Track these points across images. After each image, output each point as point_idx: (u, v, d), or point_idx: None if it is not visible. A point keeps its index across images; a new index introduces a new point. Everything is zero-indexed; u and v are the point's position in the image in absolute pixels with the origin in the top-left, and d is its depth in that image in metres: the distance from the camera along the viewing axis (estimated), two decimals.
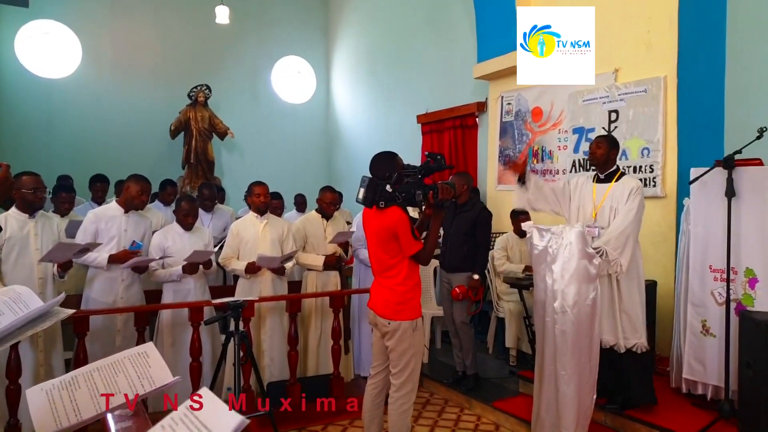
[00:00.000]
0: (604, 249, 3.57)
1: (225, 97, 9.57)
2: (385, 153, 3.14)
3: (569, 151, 5.58)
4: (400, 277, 3.08)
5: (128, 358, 1.53)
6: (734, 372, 3.49)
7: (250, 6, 9.88)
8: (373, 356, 3.35)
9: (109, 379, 1.46)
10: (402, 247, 3.02)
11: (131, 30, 9.07)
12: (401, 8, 8.63)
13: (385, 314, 3.11)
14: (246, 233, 4.50)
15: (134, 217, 4.18)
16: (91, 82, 8.71)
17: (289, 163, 10.15)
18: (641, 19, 4.91)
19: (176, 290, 4.29)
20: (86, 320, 3.67)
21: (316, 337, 4.70)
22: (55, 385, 1.43)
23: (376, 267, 3.21)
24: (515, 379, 4.67)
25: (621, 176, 3.82)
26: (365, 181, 3.03)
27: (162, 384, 1.45)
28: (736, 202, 3.50)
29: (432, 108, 7.70)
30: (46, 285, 3.73)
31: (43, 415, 1.35)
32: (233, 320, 3.26)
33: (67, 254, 3.61)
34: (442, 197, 3.00)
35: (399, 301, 3.08)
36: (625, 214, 3.64)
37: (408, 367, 3.12)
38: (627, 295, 3.68)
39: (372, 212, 3.11)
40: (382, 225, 3.03)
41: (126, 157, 8.37)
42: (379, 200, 2.98)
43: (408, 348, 3.10)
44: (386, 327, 3.10)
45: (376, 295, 3.20)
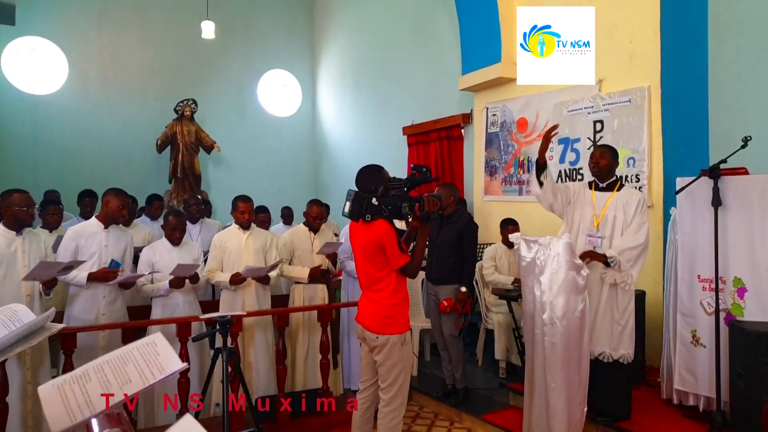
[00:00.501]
0: (617, 259, 3.57)
1: (211, 111, 9.55)
2: (370, 166, 3.12)
3: (555, 161, 5.59)
4: (388, 291, 3.05)
5: (137, 348, 1.55)
6: (725, 382, 3.47)
7: (235, 21, 9.89)
8: (362, 371, 3.31)
9: (119, 369, 1.48)
10: (389, 260, 3.00)
11: (118, 46, 9.06)
12: (386, 21, 8.66)
13: (373, 328, 3.07)
14: (229, 244, 4.47)
15: (115, 232, 4.11)
16: (77, 98, 8.67)
17: (276, 176, 10.13)
18: (624, 30, 4.95)
19: (164, 305, 4.24)
20: (73, 337, 3.62)
21: (304, 351, 4.65)
22: (66, 380, 1.45)
23: (364, 280, 3.18)
24: (505, 391, 4.64)
25: (621, 186, 3.82)
26: (351, 195, 3.01)
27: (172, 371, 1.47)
28: (722, 212, 3.50)
29: (418, 120, 7.71)
30: (33, 302, 3.68)
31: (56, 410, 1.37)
32: (221, 336, 3.21)
33: (51, 272, 3.56)
34: (428, 209, 2.98)
35: (387, 315, 3.05)
36: (638, 227, 3.65)
37: (397, 381, 3.09)
38: (622, 306, 3.68)
39: (358, 226, 3.08)
40: (368, 238, 3.01)
41: (113, 172, 8.32)
42: (365, 213, 2.96)
43: (397, 362, 3.07)
44: (374, 341, 3.07)
45: (364, 309, 3.17)
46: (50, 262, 3.65)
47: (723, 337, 3.49)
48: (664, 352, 4.08)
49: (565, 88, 5.43)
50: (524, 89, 5.94)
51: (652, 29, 4.71)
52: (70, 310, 3.97)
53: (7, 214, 3.59)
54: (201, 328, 4.10)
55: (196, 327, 4.03)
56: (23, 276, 3.56)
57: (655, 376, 4.28)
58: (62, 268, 3.61)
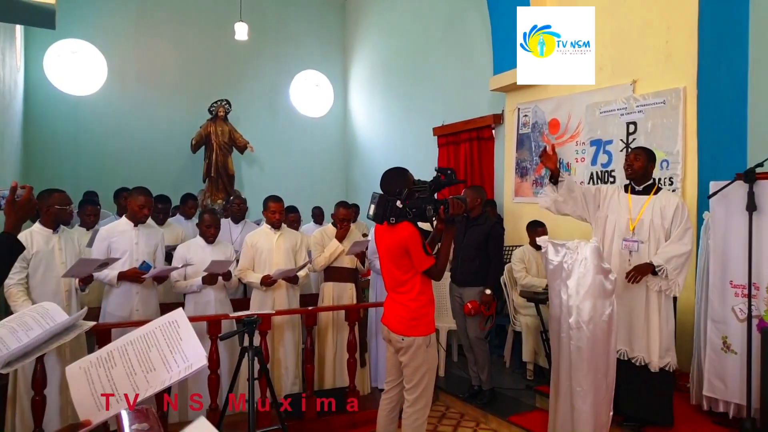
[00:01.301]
0: (665, 268, 3.53)
1: (244, 111, 9.70)
2: (395, 169, 3.14)
3: (587, 164, 5.54)
4: (414, 293, 3.07)
5: (160, 329, 1.55)
6: (756, 389, 3.41)
7: (268, 22, 10.03)
8: (387, 371, 3.35)
9: (143, 354, 1.48)
10: (414, 263, 3.02)
11: (154, 48, 9.28)
12: (417, 22, 8.68)
13: (398, 330, 3.10)
14: (260, 244, 4.56)
15: (145, 231, 4.21)
16: (115, 99, 8.91)
17: (307, 175, 10.24)
18: (660, 30, 4.87)
19: (197, 302, 4.35)
20: (108, 333, 3.73)
21: (332, 350, 4.71)
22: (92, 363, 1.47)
23: (389, 283, 3.21)
24: (532, 393, 4.62)
25: (658, 189, 3.77)
26: (375, 198, 3.04)
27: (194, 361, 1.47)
28: (757, 217, 3.43)
29: (448, 120, 7.71)
30: (71, 297, 3.86)
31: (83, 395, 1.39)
32: (247, 335, 3.28)
33: (88, 269, 3.70)
34: (452, 212, 3.00)
35: (413, 317, 3.07)
36: (683, 233, 3.60)
37: (422, 382, 3.12)
38: (665, 313, 3.64)
39: (383, 228, 3.11)
40: (393, 241, 3.04)
41: (149, 171, 8.55)
42: (389, 216, 2.99)
43: (422, 364, 3.09)
44: (400, 343, 3.10)
45: (390, 311, 3.20)
46: (88, 259, 3.77)
47: (755, 344, 3.43)
48: (694, 358, 4.02)
49: (598, 89, 5.37)
50: (556, 90, 5.90)
51: (690, 29, 4.62)
52: (106, 306, 4.10)
53: (48, 212, 3.74)
54: (232, 326, 4.19)
55: (226, 324, 4.13)
56: (61, 272, 3.69)
57: (685, 382, 4.22)
58: (99, 265, 3.75)
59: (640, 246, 3.68)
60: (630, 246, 3.70)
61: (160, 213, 5.33)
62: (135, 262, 4.04)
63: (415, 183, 3.08)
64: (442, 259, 3.07)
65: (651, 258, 3.61)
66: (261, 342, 3.99)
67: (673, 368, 3.64)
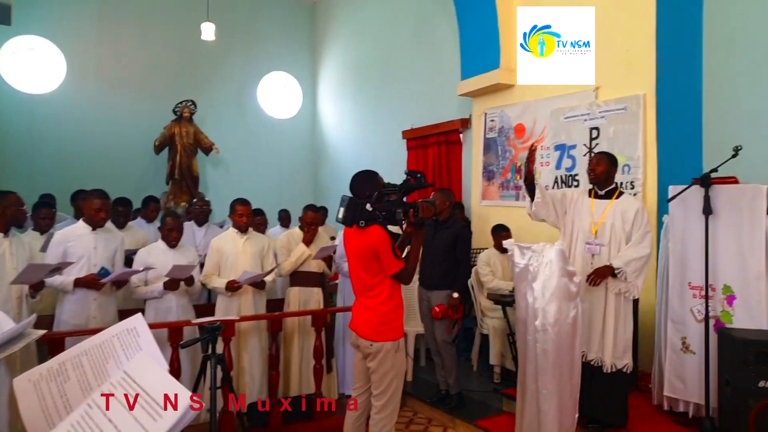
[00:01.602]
0: (624, 270, 3.59)
1: (211, 112, 9.57)
2: (365, 172, 3.12)
3: (551, 168, 5.62)
4: (383, 297, 3.03)
5: (117, 336, 1.43)
6: (714, 389, 3.50)
7: (236, 22, 9.91)
8: (355, 377, 3.31)
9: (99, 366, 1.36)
10: (383, 267, 2.99)
11: (117, 45, 9.07)
12: (387, 25, 8.69)
13: (367, 335, 3.06)
14: (226, 248, 4.47)
15: (104, 234, 4.10)
16: (75, 98, 8.67)
17: (274, 178, 10.14)
18: (621, 38, 4.97)
19: (158, 308, 4.23)
20: (61, 341, 3.59)
21: (298, 356, 4.66)
22: (43, 376, 1.34)
23: (358, 287, 3.17)
24: (499, 396, 4.65)
25: (620, 194, 3.84)
26: (345, 201, 3.01)
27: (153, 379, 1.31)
28: (713, 220, 3.52)
29: (417, 124, 7.74)
30: (22, 305, 3.69)
31: (33, 411, 1.28)
32: (210, 343, 3.22)
33: (39, 275, 3.56)
34: (422, 215, 2.97)
35: (381, 322, 3.04)
36: (642, 237, 3.67)
37: (389, 388, 3.09)
38: (627, 315, 3.71)
39: (352, 231, 3.08)
40: (362, 244, 3.01)
41: (110, 173, 8.33)
42: (359, 219, 2.96)
43: (390, 369, 3.06)
44: (368, 348, 3.06)
45: (358, 316, 3.16)
46: (38, 264, 3.64)
47: (712, 345, 3.52)
48: (656, 359, 4.10)
49: (562, 94, 5.46)
50: (522, 95, 5.98)
51: (648, 38, 4.73)
52: (60, 314, 3.96)
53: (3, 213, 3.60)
54: (194, 333, 4.11)
55: (189, 331, 4.04)
56: (12, 278, 3.54)
57: (647, 382, 4.30)
58: (50, 270, 3.61)
59: (601, 249, 3.75)
60: (592, 249, 3.77)
61: (121, 216, 5.20)
62: (93, 268, 3.92)
63: (385, 186, 3.06)
64: (412, 263, 3.04)
65: (611, 261, 3.68)
66: (224, 349, 3.92)
67: (629, 370, 3.70)
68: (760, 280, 3.37)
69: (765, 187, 3.34)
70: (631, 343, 3.73)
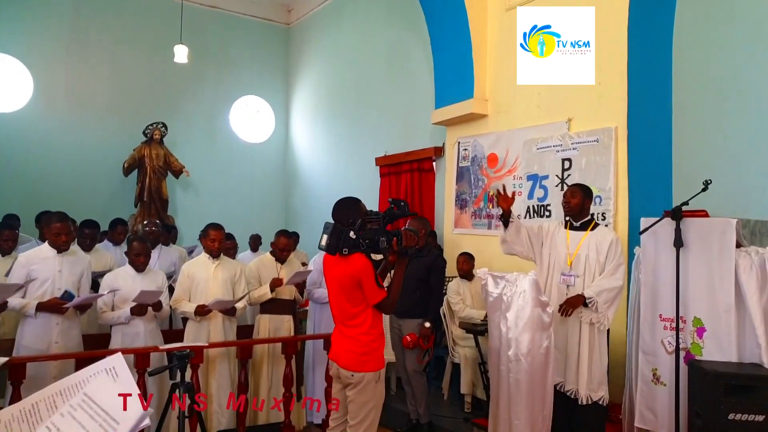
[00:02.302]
0: (595, 300, 3.61)
1: (182, 135, 9.47)
2: (348, 199, 3.09)
3: (524, 197, 5.67)
4: (365, 326, 2.97)
5: (94, 377, 1.34)
6: (684, 421, 3.51)
7: (209, 46, 9.90)
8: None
9: None
10: (366, 296, 2.93)
11: (87, 65, 8.94)
12: (362, 52, 8.76)
13: (348, 366, 2.99)
14: (198, 274, 4.38)
15: (69, 257, 3.98)
16: (42, 117, 8.49)
17: (245, 202, 10.03)
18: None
19: (124, 333, 4.10)
20: (22, 367, 3.46)
21: (267, 383, 4.55)
22: (14, 416, 1.27)
23: (339, 316, 3.09)
24: (470, 426, 4.61)
25: (595, 225, 3.88)
26: (329, 228, 2.94)
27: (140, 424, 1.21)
28: (684, 253, 3.57)
29: (391, 151, 7.78)
30: None
31: None
32: (179, 370, 3.12)
33: (3, 296, 3.43)
34: (406, 244, 2.94)
35: (363, 352, 2.97)
36: (615, 268, 3.72)
37: (367, 419, 3.02)
38: (598, 347, 3.72)
39: (334, 259, 3.02)
40: (345, 272, 2.94)
41: (77, 194, 8.17)
42: (343, 247, 2.90)
43: (369, 400, 3.00)
44: (349, 379, 2.98)
45: (339, 346, 3.07)
46: (3, 285, 3.51)
47: (682, 376, 3.54)
48: (626, 390, 4.11)
49: (535, 125, 5.55)
50: (495, 125, 6.05)
51: (620, 72, 4.84)
52: (21, 338, 3.82)
53: None
54: (162, 359, 3.99)
55: (156, 357, 3.92)
56: None
57: (617, 413, 4.30)
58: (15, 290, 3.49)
59: (576, 280, 3.78)
60: (567, 280, 3.80)
61: (87, 238, 5.04)
62: (57, 291, 3.80)
63: (368, 214, 3.02)
64: (394, 293, 2.99)
65: (584, 291, 3.70)
66: (192, 376, 3.80)
67: (605, 402, 3.72)
68: (729, 312, 3.41)
69: (735, 221, 3.41)
70: (605, 376, 3.73)
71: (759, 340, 3.36)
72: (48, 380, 3.76)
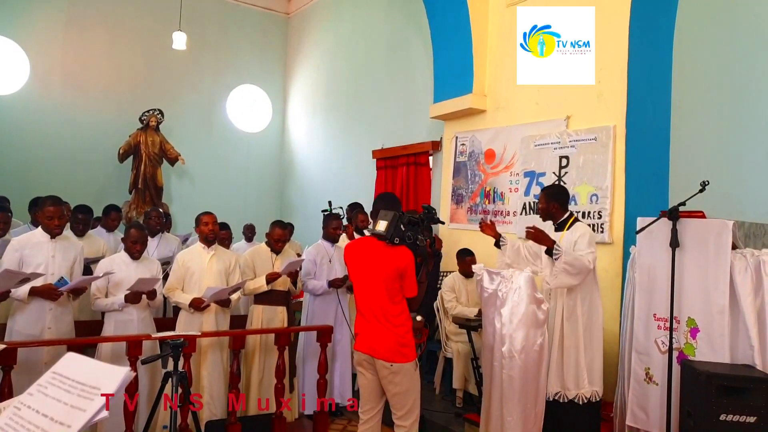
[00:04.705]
0: (561, 253, 3.61)
1: (178, 122, 9.41)
2: (391, 193, 3.25)
3: (520, 194, 5.67)
4: (403, 318, 3.09)
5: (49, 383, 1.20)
6: (676, 420, 3.52)
7: (208, 33, 9.83)
8: (365, 399, 3.24)
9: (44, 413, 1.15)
10: (404, 288, 3.06)
11: (84, 50, 8.86)
12: (361, 44, 8.73)
13: (387, 357, 3.05)
14: (192, 264, 4.34)
15: (63, 243, 3.94)
16: (37, 101, 8.41)
17: (240, 192, 10.00)
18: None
19: (117, 320, 4.05)
20: (14, 352, 3.43)
21: (258, 374, 4.53)
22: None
23: (374, 307, 3.10)
24: (461, 421, 4.62)
25: (574, 222, 3.89)
26: (388, 215, 3.03)
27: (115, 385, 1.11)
28: (680, 253, 3.58)
29: (388, 144, 7.75)
30: None
31: None
32: (172, 359, 3.10)
33: (9, 283, 3.40)
34: (437, 248, 3.07)
35: (402, 343, 3.06)
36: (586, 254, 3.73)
37: (415, 407, 3.13)
38: (589, 343, 3.73)
39: (372, 248, 3.09)
40: (391, 262, 3.03)
41: (71, 179, 8.11)
42: (395, 236, 3.00)
43: (411, 388, 3.10)
44: (388, 369, 3.04)
45: (375, 337, 3.09)
46: (13, 271, 3.48)
47: (675, 376, 3.55)
48: (618, 388, 4.13)
49: (534, 122, 5.54)
50: (493, 121, 6.04)
51: (620, 71, 4.84)
52: (13, 323, 3.78)
53: None
54: (154, 347, 3.96)
55: (148, 346, 3.89)
56: None
57: (609, 411, 4.32)
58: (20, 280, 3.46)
59: None
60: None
61: (80, 224, 5.01)
62: (51, 277, 3.76)
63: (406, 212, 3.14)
64: (422, 290, 3.14)
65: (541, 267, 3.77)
66: (185, 365, 3.79)
67: (596, 398, 3.72)
68: (723, 314, 3.42)
69: (731, 223, 3.42)
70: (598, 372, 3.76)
71: (752, 342, 3.38)
72: (40, 366, 3.74)
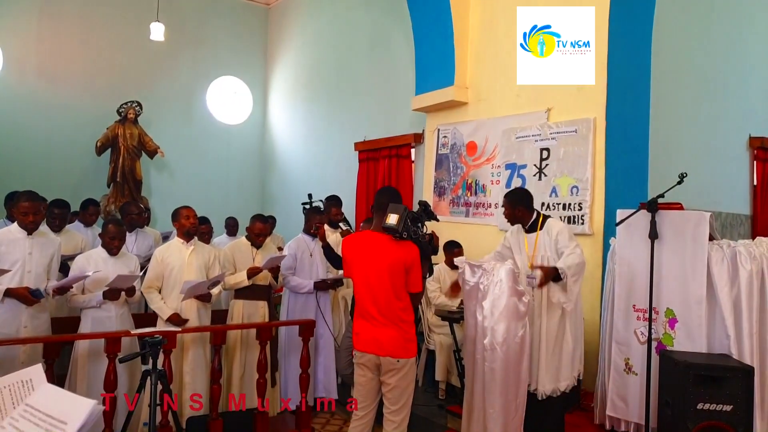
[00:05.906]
0: (566, 272, 3.59)
1: (157, 114, 9.28)
2: (393, 188, 3.28)
3: (501, 186, 5.68)
4: (407, 312, 3.11)
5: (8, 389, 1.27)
6: (655, 410, 3.57)
7: (186, 24, 9.68)
8: (362, 397, 3.21)
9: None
10: (410, 283, 3.08)
11: (59, 40, 8.68)
12: (343, 35, 8.67)
13: (394, 353, 3.06)
14: (171, 259, 4.27)
15: (40, 239, 3.87)
16: (11, 93, 8.24)
17: (221, 185, 9.91)
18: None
19: (95, 317, 3.98)
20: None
21: (240, 369, 4.51)
22: None
23: (379, 303, 3.08)
24: (444, 413, 4.63)
25: (545, 221, 3.89)
26: (399, 209, 3.01)
27: (59, 407, 1.18)
28: (658, 244, 3.62)
29: (370, 136, 7.72)
30: None
31: None
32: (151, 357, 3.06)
33: None
34: (436, 244, 3.19)
35: (407, 338, 3.10)
36: (573, 249, 3.68)
37: (408, 402, 3.15)
38: (571, 334, 3.75)
39: (377, 242, 3.09)
40: (398, 256, 3.04)
41: (47, 173, 7.98)
42: (403, 231, 3.00)
43: (410, 383, 3.13)
44: (393, 365, 3.05)
45: (380, 334, 3.08)
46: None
47: (654, 366, 3.60)
48: (599, 378, 4.17)
49: (515, 114, 5.55)
50: (475, 113, 6.04)
51: (600, 64, 4.85)
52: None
53: None
54: (133, 344, 3.92)
55: (127, 343, 3.84)
56: None
57: (589, 401, 4.37)
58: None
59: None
60: (531, 282, 3.81)
61: (57, 219, 4.91)
62: (27, 274, 3.69)
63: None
64: (422, 285, 3.17)
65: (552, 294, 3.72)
66: (165, 362, 3.75)
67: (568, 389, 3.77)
68: (700, 304, 3.47)
69: (708, 215, 3.46)
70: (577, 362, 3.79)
71: (728, 332, 3.43)
72: (16, 364, 3.67)
